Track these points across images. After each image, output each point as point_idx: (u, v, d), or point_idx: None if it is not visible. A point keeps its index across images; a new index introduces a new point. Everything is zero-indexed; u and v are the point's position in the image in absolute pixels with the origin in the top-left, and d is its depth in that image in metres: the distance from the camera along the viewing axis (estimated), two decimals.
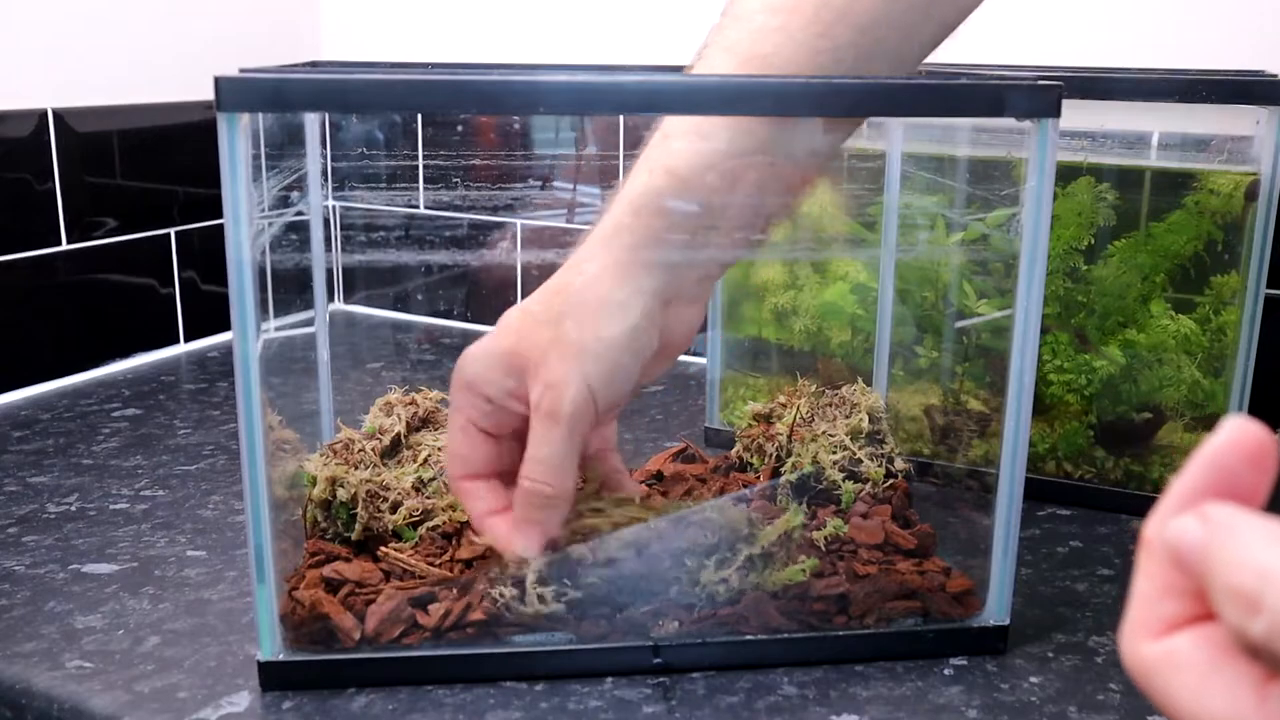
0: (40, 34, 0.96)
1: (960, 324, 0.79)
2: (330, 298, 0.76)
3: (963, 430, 0.78)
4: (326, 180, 1.14)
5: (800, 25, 0.52)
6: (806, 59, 0.52)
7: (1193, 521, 0.25)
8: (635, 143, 1.08)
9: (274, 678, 0.55)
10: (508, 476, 0.56)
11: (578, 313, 0.51)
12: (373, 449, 0.65)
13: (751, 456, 0.72)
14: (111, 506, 0.75)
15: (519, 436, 0.55)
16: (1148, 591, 0.26)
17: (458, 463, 0.56)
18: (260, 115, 0.55)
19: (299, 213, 0.69)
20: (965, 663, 0.59)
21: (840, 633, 0.58)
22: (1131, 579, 0.27)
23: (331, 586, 0.57)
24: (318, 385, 0.74)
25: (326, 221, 0.74)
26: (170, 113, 1.07)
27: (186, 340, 1.11)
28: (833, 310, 0.84)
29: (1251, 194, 0.75)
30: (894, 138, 0.78)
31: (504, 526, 0.55)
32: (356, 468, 0.63)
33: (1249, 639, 0.23)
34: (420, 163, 1.16)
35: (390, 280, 1.24)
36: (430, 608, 0.56)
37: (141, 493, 0.78)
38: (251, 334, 0.51)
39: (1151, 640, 0.26)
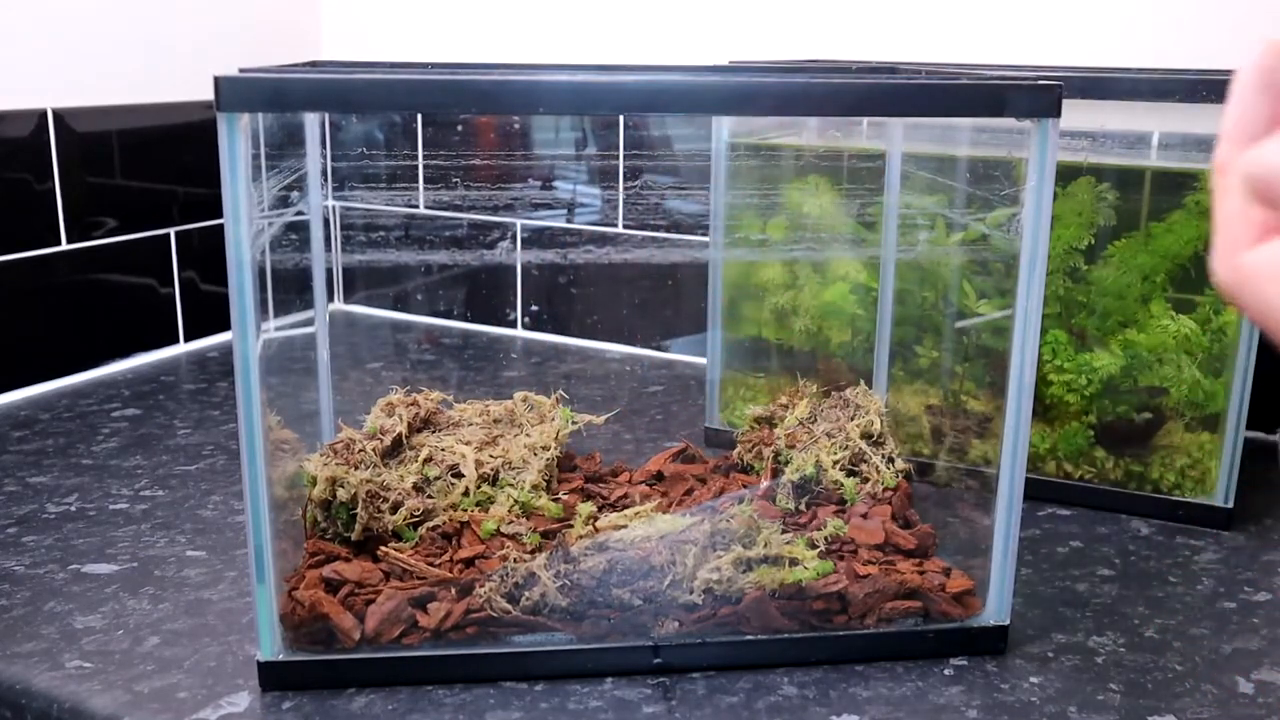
0: (40, 34, 0.96)
1: (960, 324, 0.79)
2: (330, 298, 0.76)
3: (963, 430, 0.78)
4: (326, 180, 1.14)
5: None
6: None
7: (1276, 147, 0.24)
8: (635, 143, 1.08)
9: (274, 678, 0.55)
10: None
11: None
12: (373, 449, 0.64)
13: (751, 459, 0.72)
14: (111, 506, 0.75)
15: None
16: (1232, 210, 0.25)
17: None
18: (260, 115, 0.55)
19: (299, 213, 0.69)
20: (965, 663, 0.59)
21: (840, 633, 0.58)
22: (1212, 211, 0.25)
23: (331, 586, 0.57)
24: (318, 385, 0.74)
25: (326, 221, 0.74)
26: (170, 113, 1.07)
27: (186, 340, 1.11)
28: (833, 310, 0.84)
29: None
30: (894, 138, 0.78)
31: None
32: (357, 468, 0.63)
33: None
34: (420, 163, 1.16)
35: (390, 280, 1.24)
36: (430, 608, 0.56)
37: (141, 493, 0.78)
38: (251, 334, 0.51)
39: (1247, 249, 0.25)
